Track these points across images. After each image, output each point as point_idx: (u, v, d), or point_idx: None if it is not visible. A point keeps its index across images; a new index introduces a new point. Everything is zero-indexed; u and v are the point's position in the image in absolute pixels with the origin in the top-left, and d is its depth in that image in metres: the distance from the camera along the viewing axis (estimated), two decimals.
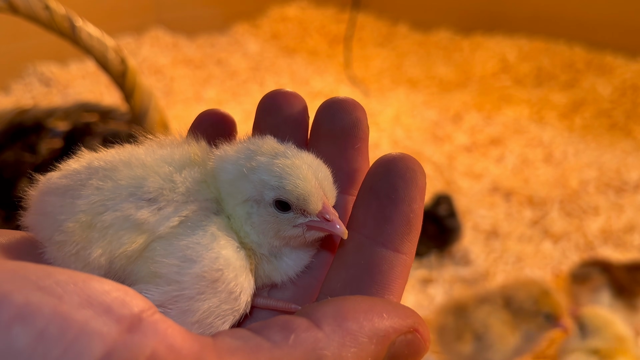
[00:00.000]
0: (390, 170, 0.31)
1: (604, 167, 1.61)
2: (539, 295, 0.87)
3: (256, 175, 0.31)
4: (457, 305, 0.93)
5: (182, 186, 0.30)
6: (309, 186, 0.30)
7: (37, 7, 0.77)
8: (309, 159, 0.32)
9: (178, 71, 2.29)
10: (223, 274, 0.28)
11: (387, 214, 0.30)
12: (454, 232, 1.24)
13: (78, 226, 0.28)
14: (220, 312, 0.29)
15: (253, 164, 0.31)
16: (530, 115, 1.99)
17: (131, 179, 0.30)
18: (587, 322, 0.87)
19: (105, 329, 0.21)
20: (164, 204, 0.30)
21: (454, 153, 1.73)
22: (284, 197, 0.30)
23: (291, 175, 0.30)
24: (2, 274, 0.22)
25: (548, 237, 1.33)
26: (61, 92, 1.99)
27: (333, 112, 0.33)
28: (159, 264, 0.28)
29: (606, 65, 2.23)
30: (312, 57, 2.58)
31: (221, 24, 2.64)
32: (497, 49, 2.44)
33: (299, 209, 0.31)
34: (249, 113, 2.09)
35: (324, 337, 0.25)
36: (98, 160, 0.31)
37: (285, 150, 0.32)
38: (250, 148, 0.32)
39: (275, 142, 0.33)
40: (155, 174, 0.30)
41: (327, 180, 0.31)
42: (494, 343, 0.87)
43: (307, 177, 0.30)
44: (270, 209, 0.31)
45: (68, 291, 0.22)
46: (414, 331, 0.27)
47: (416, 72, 2.43)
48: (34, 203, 0.30)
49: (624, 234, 1.33)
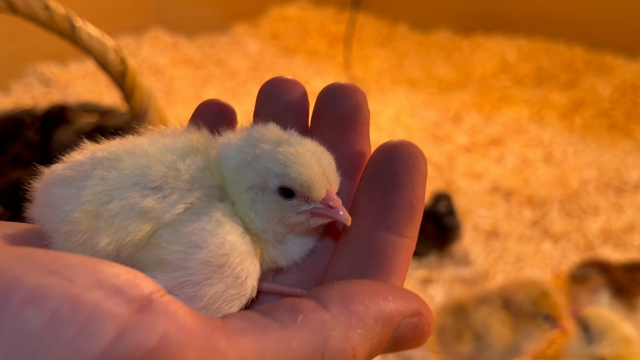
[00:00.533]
0: (393, 156, 0.31)
1: (603, 167, 1.61)
2: (538, 296, 0.87)
3: (260, 163, 0.31)
4: (457, 306, 0.93)
5: (186, 174, 0.31)
6: (313, 173, 0.30)
7: (36, 7, 0.77)
8: (312, 146, 0.32)
9: (178, 71, 2.29)
10: (229, 259, 0.29)
11: (391, 199, 0.31)
12: (453, 231, 1.24)
13: (85, 216, 0.29)
14: (227, 297, 0.29)
15: (257, 152, 0.31)
16: (530, 116, 1.99)
17: (135, 168, 0.30)
18: (591, 324, 0.85)
19: (116, 309, 0.22)
20: (169, 191, 0.30)
21: (453, 153, 1.73)
22: (288, 184, 0.31)
23: (295, 162, 0.30)
24: (13, 258, 0.22)
25: (548, 237, 1.33)
26: (61, 92, 1.99)
27: (334, 98, 0.33)
28: (165, 251, 0.29)
29: (606, 66, 2.23)
30: (312, 57, 2.58)
31: (221, 24, 2.64)
32: (497, 49, 2.44)
33: (303, 196, 0.31)
34: (249, 113, 2.07)
35: (330, 318, 0.25)
36: (101, 151, 0.31)
37: (288, 137, 0.32)
38: (254, 135, 0.32)
39: (279, 129, 0.33)
40: (159, 163, 0.30)
41: (330, 167, 0.32)
42: (493, 343, 0.87)
43: (310, 165, 0.30)
44: (274, 196, 0.31)
45: (78, 274, 0.22)
46: (419, 314, 0.28)
47: (416, 72, 2.43)
48: (39, 195, 0.31)
49: (624, 234, 1.33)
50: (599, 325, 0.85)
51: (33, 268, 0.22)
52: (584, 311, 0.88)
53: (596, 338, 0.84)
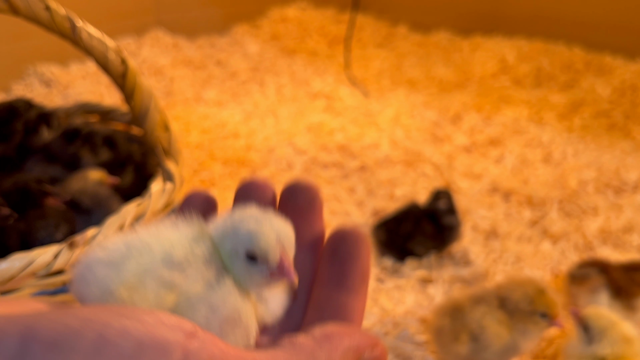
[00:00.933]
0: (345, 237, 0.43)
1: (603, 168, 1.61)
2: (534, 294, 0.87)
3: (233, 234, 0.41)
4: (454, 307, 0.93)
5: (201, 253, 0.40)
6: (270, 241, 0.39)
7: (37, 8, 0.78)
8: (275, 221, 0.41)
9: (178, 72, 2.29)
10: (240, 318, 0.39)
11: (348, 269, 0.42)
12: (453, 230, 1.24)
13: (126, 291, 0.37)
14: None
15: (231, 225, 0.41)
16: (530, 116, 2.00)
17: (162, 251, 0.39)
18: (591, 324, 0.84)
19: (179, 338, 0.30)
20: (190, 268, 0.39)
21: (453, 153, 1.74)
22: (250, 250, 0.39)
23: (257, 232, 0.40)
24: (94, 309, 0.31)
25: (547, 237, 1.33)
26: (61, 92, 2.00)
27: (295, 192, 0.45)
28: (190, 314, 0.38)
29: (605, 66, 2.24)
30: (312, 57, 2.59)
31: (221, 25, 2.64)
32: (496, 50, 2.44)
33: (263, 259, 0.39)
34: (249, 113, 2.09)
35: (318, 346, 0.35)
36: (134, 239, 0.40)
37: (257, 213, 0.41)
38: (234, 215, 0.42)
39: (256, 208, 0.42)
40: (180, 246, 0.40)
41: (287, 237, 0.40)
42: (490, 344, 0.87)
43: (269, 234, 0.39)
44: (244, 261, 0.40)
45: (144, 316, 0.31)
46: (379, 344, 0.38)
47: (416, 73, 2.43)
48: (84, 275, 0.38)
49: (623, 234, 1.34)
50: (599, 325, 0.84)
51: (113, 314, 0.30)
52: (583, 311, 0.88)
53: (596, 338, 0.84)
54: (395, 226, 1.24)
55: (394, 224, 1.24)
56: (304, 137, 1.76)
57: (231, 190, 0.45)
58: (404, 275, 1.21)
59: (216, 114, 2.01)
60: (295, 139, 1.74)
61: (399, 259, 1.24)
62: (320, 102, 2.14)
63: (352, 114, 2.04)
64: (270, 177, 1.54)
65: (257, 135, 1.82)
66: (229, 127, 1.89)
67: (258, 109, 2.10)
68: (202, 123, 1.93)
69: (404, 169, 1.61)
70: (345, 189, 1.52)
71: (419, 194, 1.48)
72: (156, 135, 0.94)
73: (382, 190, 1.50)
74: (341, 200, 1.47)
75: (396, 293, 1.15)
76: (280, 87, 2.30)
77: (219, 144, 1.74)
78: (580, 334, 0.85)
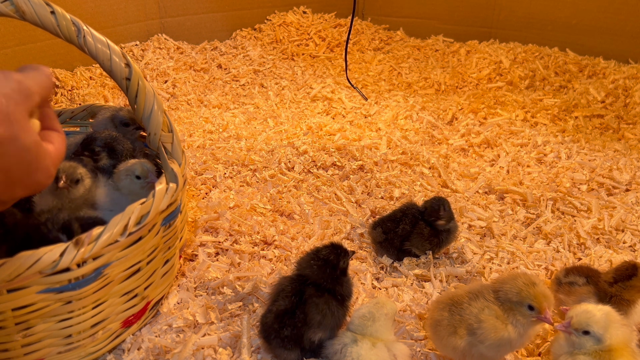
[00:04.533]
0: None
1: (596, 169, 1.64)
2: (524, 286, 0.88)
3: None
4: (452, 301, 0.94)
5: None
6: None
7: (44, 13, 0.80)
8: None
9: (181, 75, 2.33)
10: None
11: None
12: (450, 233, 1.25)
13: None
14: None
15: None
16: (525, 118, 2.02)
17: None
18: (582, 322, 0.85)
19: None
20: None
21: (449, 154, 1.77)
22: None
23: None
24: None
25: (541, 237, 1.35)
26: (67, 96, 2.03)
27: None
28: None
29: (598, 70, 2.27)
30: (312, 61, 2.62)
31: (223, 30, 2.68)
32: (492, 54, 2.47)
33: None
34: (250, 115, 2.12)
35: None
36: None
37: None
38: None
39: None
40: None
41: None
42: (487, 337, 0.88)
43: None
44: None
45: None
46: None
47: (413, 76, 2.46)
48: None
49: (616, 233, 1.36)
50: (591, 323, 0.85)
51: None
52: (573, 308, 0.88)
53: (588, 336, 0.85)
54: (393, 226, 1.25)
55: (392, 224, 1.26)
56: (304, 139, 1.78)
57: (232, 191, 0.47)
58: (401, 273, 1.22)
59: (218, 116, 2.04)
60: (296, 141, 1.77)
61: (396, 259, 1.26)
62: (320, 104, 2.17)
63: (351, 116, 2.07)
64: (271, 178, 1.57)
65: (258, 136, 1.84)
66: (230, 129, 1.91)
67: (259, 111, 2.12)
68: (205, 125, 1.96)
69: (402, 170, 1.64)
70: (344, 189, 1.54)
71: (416, 194, 1.50)
72: (159, 136, 0.95)
73: (380, 190, 1.52)
74: (341, 201, 1.49)
75: (394, 291, 1.17)
76: (280, 90, 2.33)
77: (221, 145, 1.77)
78: (571, 330, 0.86)
